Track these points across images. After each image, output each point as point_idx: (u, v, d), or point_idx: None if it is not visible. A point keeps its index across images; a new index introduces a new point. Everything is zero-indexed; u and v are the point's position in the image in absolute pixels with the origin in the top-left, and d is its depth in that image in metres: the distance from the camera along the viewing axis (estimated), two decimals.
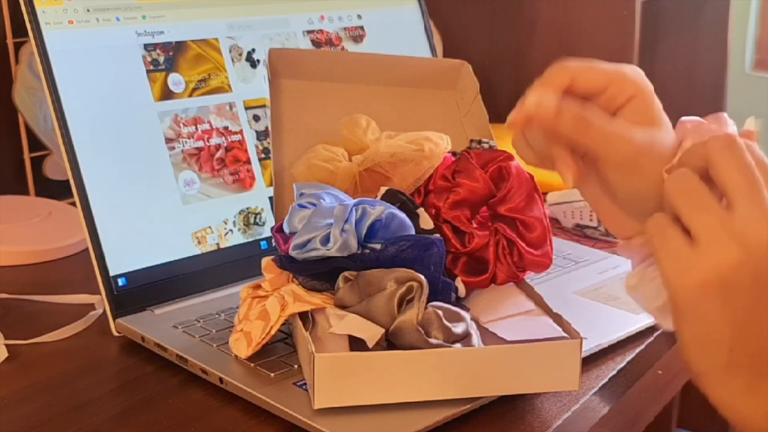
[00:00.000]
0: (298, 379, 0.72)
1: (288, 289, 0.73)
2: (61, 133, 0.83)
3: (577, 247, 1.01)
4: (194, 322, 0.81)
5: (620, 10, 1.40)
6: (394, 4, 1.07)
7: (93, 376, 0.78)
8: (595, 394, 0.75)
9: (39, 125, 1.15)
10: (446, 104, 0.90)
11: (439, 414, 0.68)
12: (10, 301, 0.91)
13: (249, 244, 0.92)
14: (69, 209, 1.08)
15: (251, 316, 0.74)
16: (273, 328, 0.72)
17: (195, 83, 0.91)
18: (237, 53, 0.95)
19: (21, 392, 0.75)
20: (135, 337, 0.81)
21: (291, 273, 0.74)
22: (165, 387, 0.75)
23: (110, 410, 0.72)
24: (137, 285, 0.84)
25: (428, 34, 1.09)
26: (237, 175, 0.92)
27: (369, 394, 0.67)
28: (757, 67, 2.23)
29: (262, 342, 0.72)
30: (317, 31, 1.01)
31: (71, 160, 0.83)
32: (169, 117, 0.89)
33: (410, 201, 0.77)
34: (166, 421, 0.70)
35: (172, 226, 0.88)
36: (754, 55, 2.21)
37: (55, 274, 0.99)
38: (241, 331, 0.74)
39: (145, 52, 0.89)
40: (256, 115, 0.95)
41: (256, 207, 0.93)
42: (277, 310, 0.72)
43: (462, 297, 0.77)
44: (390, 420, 0.67)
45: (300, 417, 0.67)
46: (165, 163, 0.88)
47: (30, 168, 1.17)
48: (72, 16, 0.86)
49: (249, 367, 0.73)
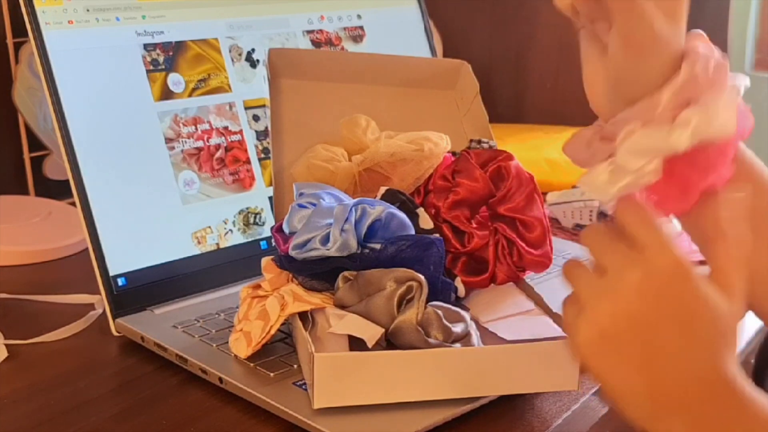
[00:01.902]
0: (297, 378, 0.72)
1: (287, 288, 0.73)
2: (61, 133, 0.83)
3: (577, 247, 1.01)
4: (194, 321, 0.81)
5: None
6: (393, 4, 1.07)
7: (93, 375, 0.78)
8: (595, 394, 0.75)
9: (39, 125, 1.15)
10: (446, 104, 0.90)
11: (439, 414, 0.68)
12: (9, 301, 0.91)
13: (249, 243, 0.92)
14: (69, 209, 1.08)
15: (251, 315, 0.74)
16: (273, 328, 0.72)
17: (195, 83, 0.91)
18: (237, 53, 0.95)
19: (21, 392, 0.75)
20: (135, 337, 0.81)
21: (290, 273, 0.74)
22: (165, 387, 0.75)
23: (110, 410, 0.72)
24: (137, 285, 0.84)
25: (428, 34, 1.09)
26: (237, 175, 0.92)
27: (368, 394, 0.67)
28: (757, 67, 2.23)
29: (262, 342, 0.72)
30: (317, 31, 1.01)
31: (71, 160, 0.83)
32: (169, 117, 0.89)
33: (410, 201, 0.77)
34: (165, 420, 0.70)
35: (171, 226, 0.88)
36: (754, 55, 2.21)
37: (54, 274, 0.99)
38: (240, 331, 0.74)
39: (144, 52, 0.89)
40: (256, 115, 0.95)
41: (256, 207, 0.93)
42: (276, 310, 0.72)
43: (462, 297, 0.77)
44: (390, 420, 0.67)
45: (299, 417, 0.67)
46: (165, 163, 0.88)
47: (30, 168, 1.17)
48: (72, 16, 0.86)
49: (248, 367, 0.73)
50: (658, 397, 0.56)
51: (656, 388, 0.56)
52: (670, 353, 0.55)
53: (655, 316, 0.55)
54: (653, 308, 0.55)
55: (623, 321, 0.55)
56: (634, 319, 0.55)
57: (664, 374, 0.56)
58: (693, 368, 0.55)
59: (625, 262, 0.56)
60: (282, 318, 0.72)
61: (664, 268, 0.55)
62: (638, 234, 0.56)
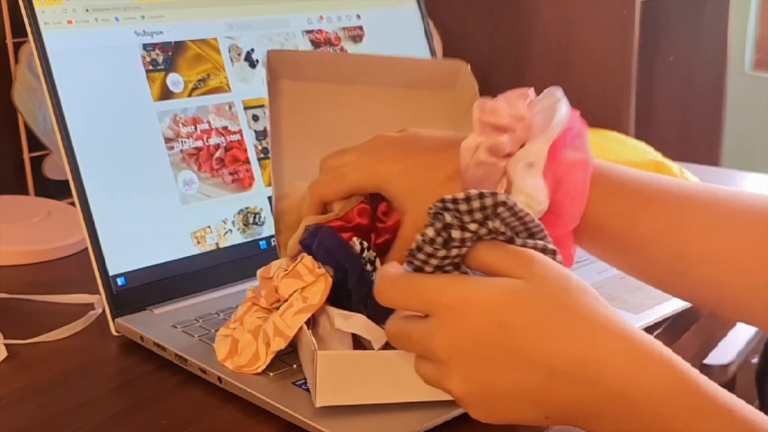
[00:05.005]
0: (297, 378, 0.72)
1: (271, 322, 0.72)
2: (61, 133, 0.83)
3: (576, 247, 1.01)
4: (193, 321, 0.81)
5: (620, 9, 1.40)
6: (393, 5, 1.07)
7: (92, 375, 0.78)
8: None
9: (38, 125, 1.15)
10: (446, 104, 0.90)
11: (440, 414, 0.68)
12: (9, 300, 0.91)
13: (248, 243, 0.92)
14: (68, 209, 1.08)
15: (246, 322, 0.74)
16: (259, 368, 0.72)
17: (194, 83, 0.91)
18: (236, 53, 0.95)
19: (20, 392, 0.75)
20: (134, 337, 0.81)
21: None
22: (164, 386, 0.75)
23: (109, 410, 0.72)
24: (136, 285, 0.84)
25: (427, 34, 1.09)
26: (236, 174, 0.92)
27: (371, 393, 0.67)
28: (757, 67, 2.23)
29: (242, 368, 0.72)
30: (316, 31, 1.01)
31: (70, 160, 0.83)
32: (168, 117, 0.89)
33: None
34: (165, 420, 0.70)
35: (171, 225, 0.88)
36: (754, 55, 2.21)
37: (54, 273, 0.99)
38: (230, 335, 0.74)
39: (144, 52, 0.89)
40: (255, 115, 0.95)
41: (256, 207, 0.93)
42: (263, 352, 0.72)
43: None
44: (390, 420, 0.67)
45: (299, 416, 0.67)
46: (164, 162, 0.88)
47: (30, 168, 1.17)
48: (71, 16, 0.86)
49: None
50: (560, 419, 0.58)
51: (551, 413, 0.57)
52: (535, 381, 0.56)
53: (495, 355, 0.57)
54: (488, 351, 0.57)
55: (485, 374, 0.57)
56: (489, 364, 0.57)
57: (546, 402, 0.57)
58: (565, 376, 0.56)
59: (427, 330, 0.58)
60: (269, 358, 0.72)
61: (454, 315, 0.57)
62: (413, 307, 0.59)
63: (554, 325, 0.56)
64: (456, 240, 0.58)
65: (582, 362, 0.55)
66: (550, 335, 0.56)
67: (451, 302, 0.57)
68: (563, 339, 0.56)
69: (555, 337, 0.56)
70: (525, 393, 0.57)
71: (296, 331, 0.70)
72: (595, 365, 0.55)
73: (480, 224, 0.58)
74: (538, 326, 0.56)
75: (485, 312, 0.56)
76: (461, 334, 0.57)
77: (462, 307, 0.57)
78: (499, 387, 0.57)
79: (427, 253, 0.58)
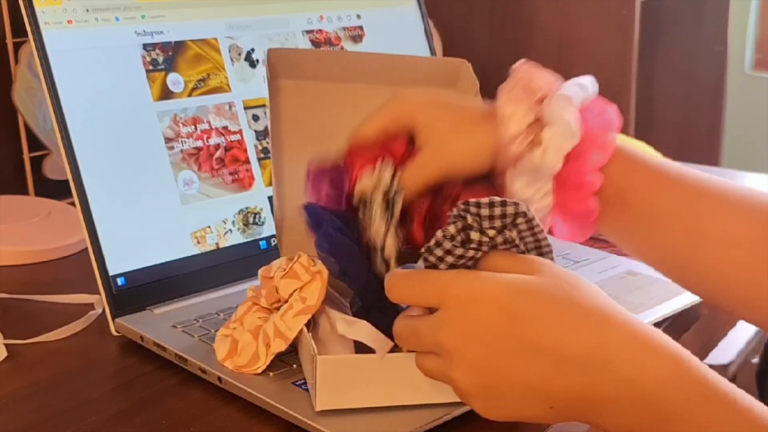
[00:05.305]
0: (297, 378, 0.72)
1: (271, 322, 0.72)
2: (61, 133, 0.83)
3: (576, 247, 1.01)
4: (193, 321, 0.81)
5: (620, 10, 1.40)
6: (393, 4, 1.07)
7: (92, 375, 0.78)
8: None
9: (39, 125, 1.15)
10: None
11: (440, 414, 0.67)
12: (9, 300, 0.91)
13: (248, 243, 0.92)
14: (68, 209, 1.08)
15: (246, 322, 0.74)
16: (259, 369, 0.72)
17: (194, 83, 0.91)
18: (236, 53, 0.95)
19: (20, 392, 0.75)
20: (134, 337, 0.81)
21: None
22: (164, 386, 0.75)
23: (109, 410, 0.72)
24: (136, 285, 0.84)
25: (427, 34, 1.08)
26: (236, 174, 0.92)
27: (371, 397, 0.67)
28: (757, 67, 2.23)
29: (242, 368, 0.72)
30: (316, 30, 1.01)
31: (70, 160, 0.83)
32: (168, 117, 0.89)
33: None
34: (165, 420, 0.70)
35: (171, 225, 0.88)
36: (754, 55, 2.21)
37: (54, 273, 0.99)
38: (230, 335, 0.74)
39: (144, 51, 0.89)
40: (256, 115, 0.95)
41: (256, 207, 0.93)
42: (263, 353, 0.72)
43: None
44: (390, 420, 0.67)
45: (299, 417, 0.67)
46: (164, 162, 0.88)
47: (30, 168, 1.17)
48: (71, 15, 0.86)
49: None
50: (564, 411, 0.58)
51: (557, 404, 0.57)
52: (541, 370, 0.56)
53: (505, 347, 0.57)
54: (494, 344, 0.57)
55: (494, 366, 0.57)
56: (497, 358, 0.57)
57: (552, 391, 0.57)
58: (571, 369, 0.56)
59: (435, 322, 0.59)
60: (269, 359, 0.72)
61: (463, 305, 0.58)
62: (424, 301, 0.60)
63: (562, 315, 0.57)
64: (474, 242, 0.60)
65: (589, 349, 0.56)
66: (558, 324, 0.56)
67: (461, 292, 0.58)
68: (571, 327, 0.56)
69: (562, 325, 0.56)
70: (531, 382, 0.57)
71: (297, 333, 0.70)
72: (603, 352, 0.56)
73: (498, 231, 0.60)
74: (546, 315, 0.57)
75: (494, 302, 0.57)
76: (469, 323, 0.57)
77: (471, 298, 0.58)
78: (505, 377, 0.57)
79: (445, 249, 0.60)
